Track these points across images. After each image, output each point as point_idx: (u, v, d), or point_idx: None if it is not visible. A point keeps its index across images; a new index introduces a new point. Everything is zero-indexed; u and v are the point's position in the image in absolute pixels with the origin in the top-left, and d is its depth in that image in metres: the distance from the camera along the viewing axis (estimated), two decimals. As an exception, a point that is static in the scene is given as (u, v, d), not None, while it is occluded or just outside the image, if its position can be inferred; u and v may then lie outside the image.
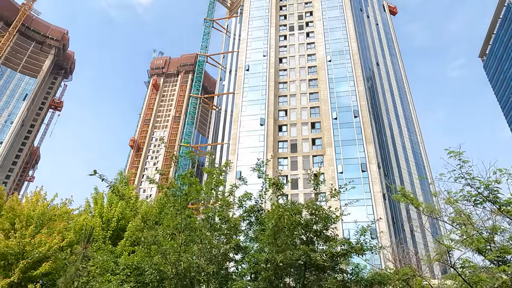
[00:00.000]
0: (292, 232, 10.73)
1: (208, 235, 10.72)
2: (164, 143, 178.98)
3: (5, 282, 12.96)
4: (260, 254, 9.55)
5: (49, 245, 14.35)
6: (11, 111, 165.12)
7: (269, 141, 77.88)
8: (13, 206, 15.36)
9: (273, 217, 9.85)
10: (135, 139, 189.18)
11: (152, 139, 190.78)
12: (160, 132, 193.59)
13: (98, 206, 17.64)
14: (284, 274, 10.27)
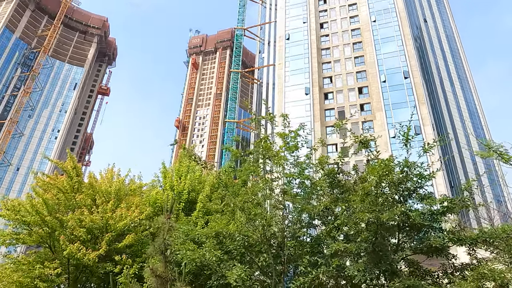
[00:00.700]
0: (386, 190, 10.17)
1: (298, 198, 10.39)
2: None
3: (95, 254, 13.53)
4: (363, 213, 9.07)
5: (130, 218, 14.77)
6: (64, 101, 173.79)
7: (316, 110, 76.30)
8: (91, 183, 15.94)
9: (378, 173, 9.28)
10: (180, 119, 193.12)
11: (196, 117, 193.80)
12: (203, 110, 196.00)
13: (168, 180, 17.92)
14: (384, 234, 9.76)
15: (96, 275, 14.60)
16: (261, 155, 12.38)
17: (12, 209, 14.07)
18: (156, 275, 11.08)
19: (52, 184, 15.12)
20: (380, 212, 9.06)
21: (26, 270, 13.47)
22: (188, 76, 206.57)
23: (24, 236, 14.10)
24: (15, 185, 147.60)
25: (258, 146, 12.49)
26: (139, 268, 14.48)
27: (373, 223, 9.17)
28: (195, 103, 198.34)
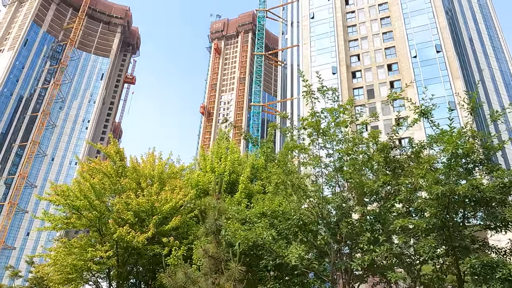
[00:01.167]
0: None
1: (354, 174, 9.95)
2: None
3: (143, 237, 13.61)
4: (436, 187, 8.52)
5: (175, 200, 14.75)
6: (92, 91, 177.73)
7: (344, 89, 74.59)
8: (134, 166, 16.01)
9: (452, 142, 8.67)
10: (204, 106, 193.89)
11: (220, 103, 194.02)
12: (227, 96, 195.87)
13: (209, 162, 17.80)
14: (455, 208, 9.21)
15: (145, 257, 14.77)
16: (313, 130, 11.94)
17: (62, 194, 14.32)
18: (209, 256, 10.99)
19: (98, 169, 15.27)
20: (455, 184, 8.48)
21: (78, 253, 13.74)
22: (211, 62, 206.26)
23: (75, 220, 14.36)
24: (51, 175, 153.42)
25: (310, 123, 12.01)
26: (186, 249, 14.53)
27: (443, 197, 8.60)
28: (219, 88, 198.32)
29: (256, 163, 18.48)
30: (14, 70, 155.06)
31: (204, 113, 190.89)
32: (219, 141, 19.96)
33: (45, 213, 15.06)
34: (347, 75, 76.39)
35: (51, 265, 13.78)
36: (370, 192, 9.83)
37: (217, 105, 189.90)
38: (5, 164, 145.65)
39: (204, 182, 16.94)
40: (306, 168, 11.63)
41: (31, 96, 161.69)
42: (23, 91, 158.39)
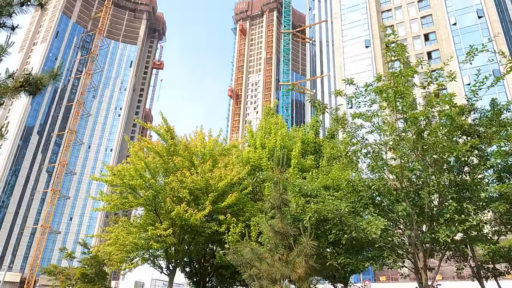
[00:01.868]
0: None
1: (438, 139, 9.12)
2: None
3: (201, 214, 13.38)
4: None
5: (230, 177, 14.39)
6: (122, 79, 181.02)
7: (378, 63, 71.83)
8: (186, 144, 15.74)
9: None
10: (232, 88, 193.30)
11: (248, 84, 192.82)
12: (254, 77, 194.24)
13: (259, 137, 17.29)
14: None
15: (202, 235, 14.61)
16: (385, 95, 11.09)
17: (118, 174, 14.26)
18: (275, 231, 10.58)
19: (150, 148, 15.09)
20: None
21: (137, 232, 13.72)
22: (237, 43, 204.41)
23: (132, 199, 14.31)
24: (89, 162, 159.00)
25: (385, 85, 11.14)
26: (244, 226, 14.22)
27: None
28: (246, 70, 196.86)
29: (306, 138, 17.81)
30: (48, 62, 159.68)
31: (232, 96, 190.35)
32: (266, 116, 19.39)
33: (101, 193, 15.12)
34: (381, 47, 73.35)
35: (111, 244, 13.88)
36: (456, 157, 8.98)
37: (244, 87, 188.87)
38: (46, 153, 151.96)
39: (255, 159, 16.47)
40: (381, 136, 10.85)
41: (65, 87, 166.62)
42: (57, 82, 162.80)
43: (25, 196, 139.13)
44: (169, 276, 15.22)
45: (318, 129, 18.75)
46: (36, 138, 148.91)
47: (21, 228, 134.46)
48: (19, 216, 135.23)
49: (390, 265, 9.88)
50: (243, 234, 13.65)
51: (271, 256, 10.67)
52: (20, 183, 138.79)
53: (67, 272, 26.81)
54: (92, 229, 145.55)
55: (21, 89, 6.85)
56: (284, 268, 10.31)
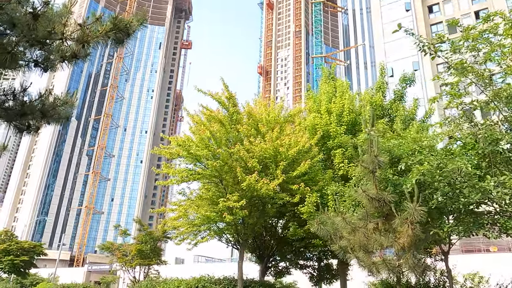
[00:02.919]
0: None
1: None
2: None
3: (274, 184, 12.46)
4: None
5: (301, 144, 13.31)
6: (152, 61, 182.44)
7: (420, 26, 67.58)
8: (250, 112, 14.76)
9: None
10: (261, 65, 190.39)
11: (277, 60, 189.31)
12: (284, 52, 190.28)
13: (324, 102, 16.02)
14: None
15: (274, 206, 13.76)
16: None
17: (183, 144, 13.50)
18: (370, 198, 9.49)
19: (213, 117, 14.22)
20: None
21: (205, 205, 13.04)
22: (265, 18, 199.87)
23: (201, 171, 13.57)
24: (125, 144, 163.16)
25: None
26: (318, 196, 13.21)
27: None
28: (275, 45, 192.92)
29: (373, 101, 16.37)
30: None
31: (262, 72, 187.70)
32: (326, 80, 18.00)
33: (166, 166, 14.50)
34: (423, 9, 68.88)
35: (180, 217, 13.32)
36: None
37: (274, 63, 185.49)
38: (85, 137, 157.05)
39: (321, 125, 15.28)
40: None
41: (99, 72, 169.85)
42: (91, 67, 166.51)
43: (68, 179, 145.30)
44: (240, 250, 14.60)
45: (385, 91, 17.23)
46: (75, 123, 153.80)
47: (67, 210, 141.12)
48: (64, 198, 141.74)
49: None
50: (318, 204, 12.64)
51: (365, 226, 9.65)
52: (63, 167, 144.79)
53: (124, 249, 27.12)
54: (133, 208, 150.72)
55: (111, 33, 5.96)
56: (383, 238, 9.28)
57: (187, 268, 52.16)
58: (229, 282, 15.03)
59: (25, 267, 40.94)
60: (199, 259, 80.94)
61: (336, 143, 14.86)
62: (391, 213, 9.65)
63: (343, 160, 14.49)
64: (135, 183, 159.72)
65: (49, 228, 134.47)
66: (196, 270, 42.28)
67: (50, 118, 8.26)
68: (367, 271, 9.67)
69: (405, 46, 65.19)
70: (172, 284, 15.95)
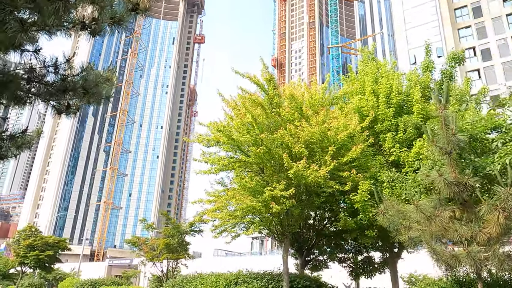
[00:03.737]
0: None
1: None
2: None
3: (324, 171, 11.38)
4: None
5: (352, 127, 12.19)
6: (166, 56, 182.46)
7: (443, 11, 65.13)
8: (292, 94, 13.68)
9: None
10: (275, 57, 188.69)
11: (291, 52, 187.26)
12: (297, 43, 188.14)
13: (368, 83, 14.82)
14: None
15: (322, 195, 12.72)
16: None
17: (223, 130, 12.54)
18: (448, 183, 8.37)
19: (254, 101, 13.18)
20: None
21: (247, 194, 12.06)
22: (277, 10, 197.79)
23: (244, 157, 12.58)
24: (141, 140, 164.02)
25: None
26: (372, 183, 12.11)
27: None
28: (288, 36, 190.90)
29: (421, 81, 15.11)
30: (96, 45, 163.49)
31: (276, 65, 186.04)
32: (366, 61, 16.77)
33: (203, 154, 13.57)
34: (447, -8, 66.29)
35: (219, 209, 12.39)
36: None
37: (288, 55, 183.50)
38: (101, 134, 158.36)
39: (368, 107, 14.13)
40: None
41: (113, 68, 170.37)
42: (106, 64, 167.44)
43: (86, 175, 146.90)
44: (284, 243, 13.59)
45: (433, 71, 15.94)
46: (92, 120, 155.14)
47: (86, 205, 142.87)
48: (83, 194, 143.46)
49: None
50: (371, 192, 11.55)
51: (440, 214, 8.53)
52: (81, 163, 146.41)
53: (151, 243, 26.50)
54: (151, 203, 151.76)
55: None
56: (464, 227, 8.17)
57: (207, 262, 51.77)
58: (272, 277, 14.11)
59: (50, 262, 40.89)
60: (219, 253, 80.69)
61: (385, 126, 13.73)
62: (469, 200, 8.54)
63: (393, 144, 13.36)
64: (152, 178, 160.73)
65: (69, 224, 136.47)
66: (216, 264, 41.77)
67: (92, 96, 7.41)
68: (444, 265, 8.59)
69: (428, 32, 62.91)
70: (209, 279, 15.11)
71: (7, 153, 8.43)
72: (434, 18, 65.00)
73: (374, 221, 12.10)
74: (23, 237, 40.03)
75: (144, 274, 64.71)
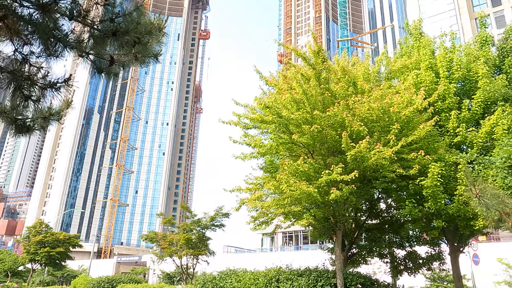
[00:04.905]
0: None
1: None
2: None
3: (390, 151, 9.83)
4: None
5: (418, 102, 10.64)
6: (171, 53, 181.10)
7: (460, 0, 63.13)
8: (344, 67, 12.14)
9: None
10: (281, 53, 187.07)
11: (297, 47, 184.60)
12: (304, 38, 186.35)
13: (426, 57, 13.24)
14: None
15: (383, 180, 11.18)
16: None
17: (271, 106, 11.01)
18: None
19: (302, 75, 11.63)
20: None
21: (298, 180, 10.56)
22: (283, 5, 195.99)
23: (296, 137, 10.98)
24: (147, 136, 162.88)
25: None
26: (442, 166, 10.57)
27: None
28: (294, 32, 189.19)
29: (482, 54, 13.49)
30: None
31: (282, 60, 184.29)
32: (416, 36, 15.12)
33: (246, 135, 12.04)
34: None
35: (269, 195, 10.90)
36: None
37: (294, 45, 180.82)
38: (107, 130, 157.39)
39: (427, 83, 12.56)
40: None
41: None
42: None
43: (93, 173, 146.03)
44: (336, 236, 12.06)
45: (491, 44, 14.33)
46: (98, 117, 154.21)
47: (92, 202, 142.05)
48: (90, 191, 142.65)
49: None
50: (442, 177, 10.00)
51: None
52: (87, 160, 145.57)
53: (171, 238, 25.06)
54: (157, 200, 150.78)
55: None
56: None
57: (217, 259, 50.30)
58: (320, 274, 12.61)
59: (61, 259, 39.72)
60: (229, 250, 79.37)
61: (446, 104, 12.18)
62: None
63: (458, 124, 11.83)
64: (158, 175, 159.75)
65: (76, 221, 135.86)
66: (227, 260, 40.33)
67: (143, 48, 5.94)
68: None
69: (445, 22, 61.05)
70: (245, 276, 13.64)
71: (34, 125, 7.00)
72: (451, 7, 63.02)
73: (442, 210, 10.57)
74: (33, 234, 38.86)
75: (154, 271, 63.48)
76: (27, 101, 6.07)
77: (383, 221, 16.56)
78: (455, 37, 13.89)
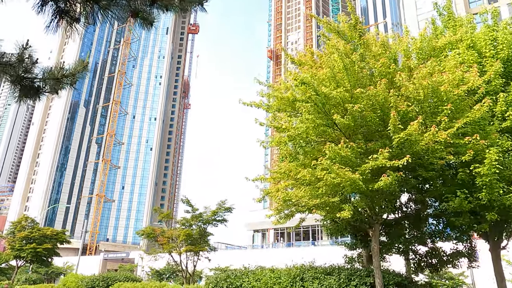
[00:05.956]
0: None
1: None
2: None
3: (445, 134, 8.65)
4: None
5: (472, 81, 9.47)
6: (160, 47, 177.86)
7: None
8: (384, 42, 10.91)
9: None
10: (271, 49, 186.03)
11: (287, 43, 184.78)
12: (294, 35, 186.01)
13: (469, 35, 12.06)
14: None
15: (431, 168, 9.97)
16: None
17: (308, 82, 9.65)
18: None
19: (338, 49, 10.30)
20: None
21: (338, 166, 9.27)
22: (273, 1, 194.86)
23: (338, 117, 9.54)
24: (134, 131, 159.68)
25: None
26: (498, 152, 9.43)
27: None
28: (285, 28, 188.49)
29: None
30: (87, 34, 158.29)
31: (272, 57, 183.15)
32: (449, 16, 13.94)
33: (274, 118, 10.67)
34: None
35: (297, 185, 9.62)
36: None
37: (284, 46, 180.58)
38: (93, 125, 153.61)
39: (470, 62, 11.42)
40: None
41: (106, 58, 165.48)
42: (98, 54, 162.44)
43: (78, 168, 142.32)
44: (374, 230, 10.83)
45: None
46: (83, 111, 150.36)
47: (77, 198, 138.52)
48: (75, 187, 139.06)
49: None
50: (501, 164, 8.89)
51: None
52: (72, 155, 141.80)
53: (170, 234, 23.57)
54: (144, 196, 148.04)
55: None
56: None
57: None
58: (352, 272, 11.41)
59: (48, 256, 37.74)
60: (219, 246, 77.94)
61: (493, 86, 11.06)
62: None
63: (507, 107, 10.76)
64: (145, 170, 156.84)
65: (60, 217, 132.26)
66: (218, 258, 38.80)
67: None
68: None
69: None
70: (264, 274, 12.36)
71: (45, 85, 5.55)
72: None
73: (496, 201, 9.46)
74: (18, 229, 36.77)
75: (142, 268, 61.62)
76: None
77: (404, 216, 15.54)
78: (497, 14, 12.78)
